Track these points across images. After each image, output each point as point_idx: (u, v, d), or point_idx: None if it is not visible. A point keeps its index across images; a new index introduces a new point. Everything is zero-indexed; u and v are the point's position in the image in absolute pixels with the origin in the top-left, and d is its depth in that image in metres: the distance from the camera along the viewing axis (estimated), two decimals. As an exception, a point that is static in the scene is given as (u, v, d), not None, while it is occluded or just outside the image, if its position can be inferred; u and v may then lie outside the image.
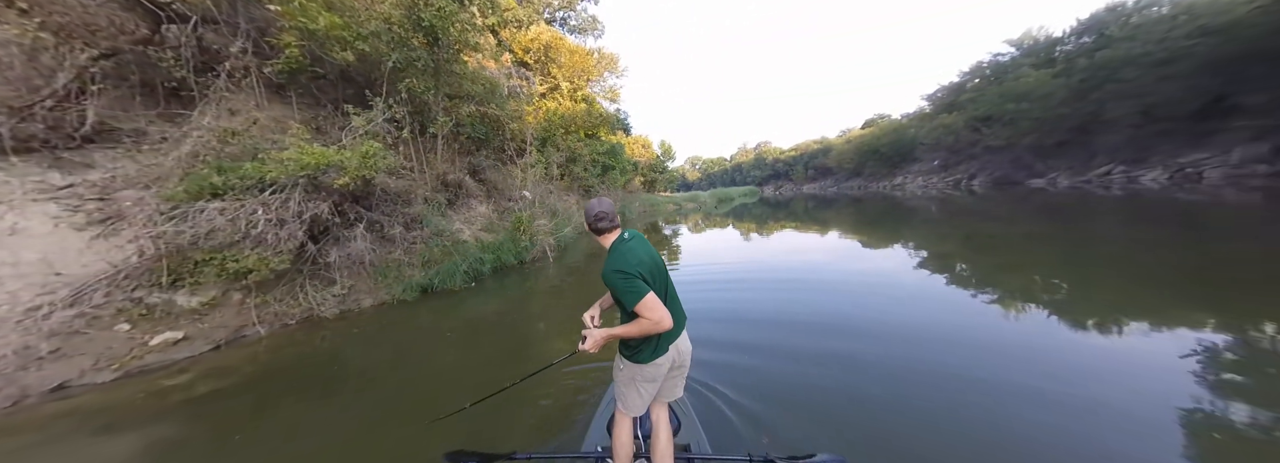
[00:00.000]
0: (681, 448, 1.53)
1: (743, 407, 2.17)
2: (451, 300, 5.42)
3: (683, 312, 1.48)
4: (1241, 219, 7.52)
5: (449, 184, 7.70)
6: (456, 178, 7.85)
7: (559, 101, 16.16)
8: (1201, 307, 3.37)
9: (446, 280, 5.86)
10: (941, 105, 37.37)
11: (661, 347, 1.36)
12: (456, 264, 6.11)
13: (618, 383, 1.45)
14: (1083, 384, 2.21)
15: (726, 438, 1.88)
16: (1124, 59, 20.84)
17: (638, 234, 1.44)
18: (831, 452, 1.45)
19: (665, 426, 1.43)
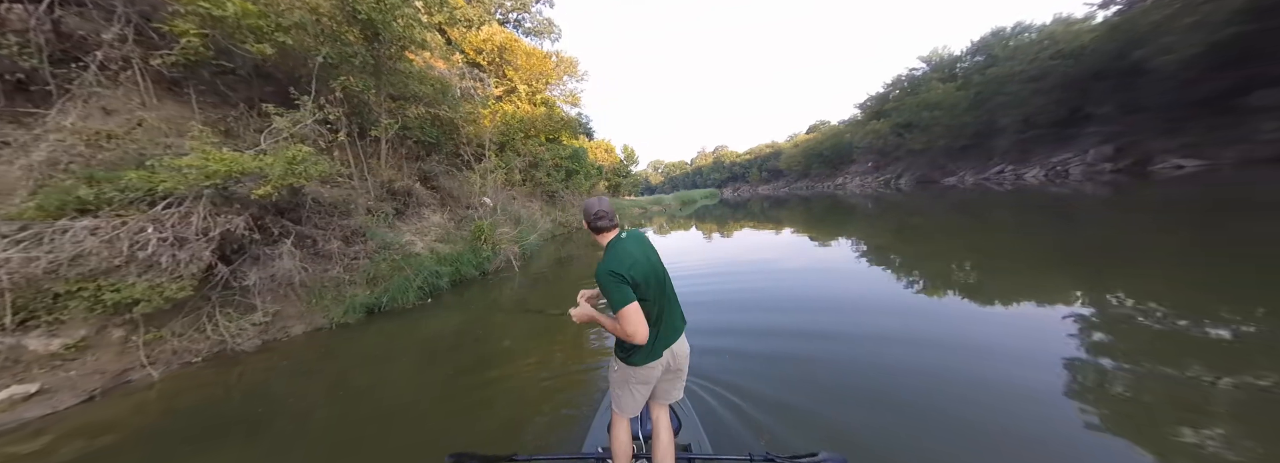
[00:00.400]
0: (681, 448, 1.52)
1: (740, 406, 2.20)
2: (404, 320, 4.89)
3: (681, 315, 1.44)
4: (1094, 207, 9.37)
5: (396, 192, 7.02)
6: (405, 185, 7.19)
7: (517, 105, 15.60)
8: (1070, 279, 4.26)
9: (397, 298, 5.29)
10: (871, 113, 41.66)
11: (655, 351, 1.34)
12: (408, 280, 5.55)
13: (612, 384, 1.45)
14: (992, 349, 2.74)
15: (726, 438, 1.88)
16: (1007, 75, 24.95)
17: (637, 233, 1.42)
18: (832, 451, 1.45)
19: (666, 426, 1.42)
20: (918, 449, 1.77)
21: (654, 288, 1.31)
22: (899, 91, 38.35)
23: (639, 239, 1.39)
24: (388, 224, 6.38)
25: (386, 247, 5.90)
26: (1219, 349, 2.44)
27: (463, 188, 8.89)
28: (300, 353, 4.00)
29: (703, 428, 1.81)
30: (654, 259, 1.37)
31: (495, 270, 7.50)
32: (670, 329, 1.37)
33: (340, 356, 3.93)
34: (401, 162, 7.54)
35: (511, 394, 2.71)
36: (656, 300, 1.31)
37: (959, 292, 4.15)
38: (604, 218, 1.36)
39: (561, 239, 12.98)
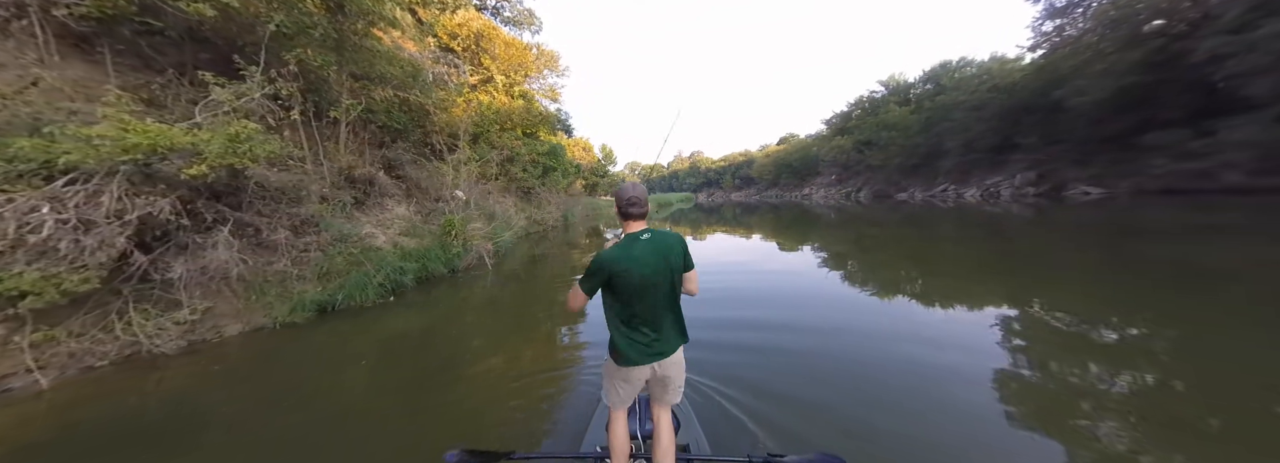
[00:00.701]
0: (681, 448, 1.51)
1: (738, 405, 2.22)
2: (362, 319, 4.49)
3: (676, 336, 1.38)
4: (1019, 226, 10.75)
5: (356, 180, 6.46)
6: (367, 173, 6.63)
7: (493, 95, 14.99)
8: (1000, 287, 4.96)
9: (355, 295, 4.85)
10: (836, 129, 44.49)
11: (631, 357, 1.33)
12: (368, 275, 5.11)
13: (604, 375, 1.50)
14: (944, 343, 3.13)
15: (726, 438, 1.88)
16: (953, 103, 27.73)
17: (663, 238, 1.35)
18: (830, 453, 1.46)
19: (667, 427, 1.41)
20: (869, 419, 2.10)
21: (634, 293, 1.28)
22: (860, 111, 41.28)
23: (656, 247, 1.30)
24: (345, 214, 5.85)
25: (343, 239, 5.40)
26: (1110, 349, 2.91)
27: (432, 179, 8.37)
28: (235, 356, 3.54)
29: (702, 428, 1.80)
30: (656, 263, 1.29)
31: (466, 268, 7.11)
32: (652, 342, 1.32)
33: (285, 358, 3.52)
34: (363, 147, 6.96)
35: (480, 396, 2.63)
36: (631, 305, 1.30)
37: (910, 294, 4.67)
38: (636, 205, 1.34)
39: (536, 238, 12.59)
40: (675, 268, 1.33)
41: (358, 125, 6.70)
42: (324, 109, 5.82)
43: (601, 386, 1.62)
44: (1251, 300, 3.79)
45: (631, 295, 1.28)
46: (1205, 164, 13.77)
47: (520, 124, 15.17)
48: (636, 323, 1.32)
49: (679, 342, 1.38)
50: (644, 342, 1.32)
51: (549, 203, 16.14)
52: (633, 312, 1.31)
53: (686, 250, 1.39)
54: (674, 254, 1.33)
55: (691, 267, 1.40)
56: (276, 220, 4.84)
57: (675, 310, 1.37)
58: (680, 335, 1.39)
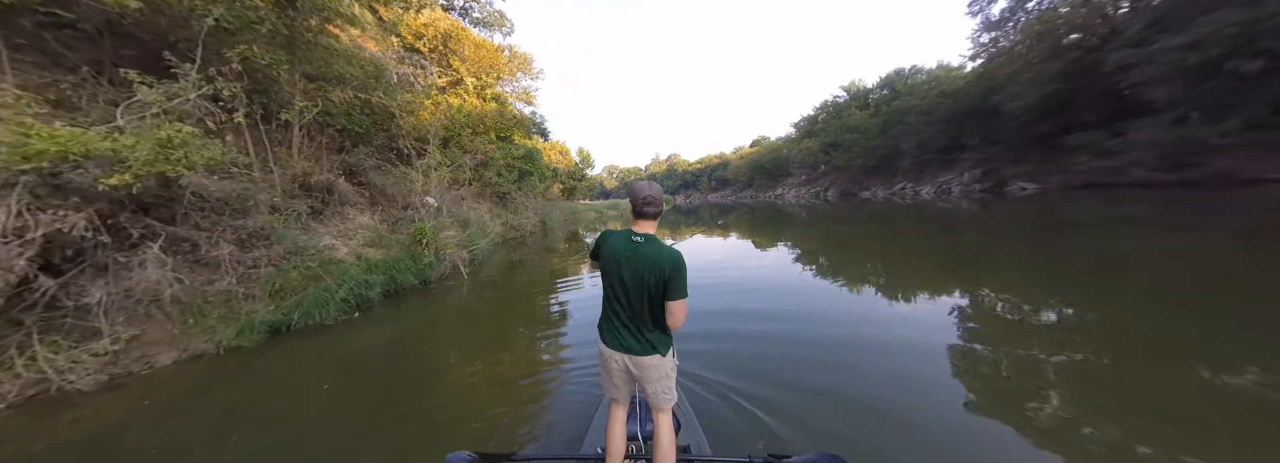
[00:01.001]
0: (681, 449, 1.51)
1: (737, 405, 2.24)
2: (323, 339, 4.13)
3: (636, 338, 1.35)
4: (968, 220, 11.77)
5: (313, 188, 5.99)
6: (325, 180, 6.17)
7: (464, 98, 14.48)
8: (952, 276, 5.42)
9: (313, 313, 4.46)
10: (804, 132, 46.55)
11: (603, 337, 1.42)
12: (328, 291, 4.72)
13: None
14: (908, 325, 3.52)
15: (726, 439, 1.88)
16: (907, 108, 29.80)
17: (656, 248, 1.32)
18: (830, 453, 1.47)
19: (667, 428, 1.39)
20: (849, 393, 2.34)
21: (612, 276, 1.36)
22: (825, 115, 43.46)
23: (642, 258, 1.30)
24: (300, 226, 5.39)
25: (298, 252, 4.97)
26: (1044, 328, 3.30)
27: (399, 186, 7.91)
28: (170, 388, 3.13)
29: (702, 429, 1.79)
30: (631, 275, 1.31)
31: (440, 278, 6.75)
32: (617, 329, 1.37)
33: (231, 386, 3.16)
34: (320, 152, 6.47)
35: (460, 405, 2.55)
36: (610, 286, 1.37)
37: (876, 285, 5.20)
38: (651, 204, 1.35)
39: (513, 244, 12.23)
40: (651, 286, 1.29)
41: (313, 129, 6.23)
42: (274, 111, 5.36)
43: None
44: (1152, 284, 4.31)
45: (610, 277, 1.36)
46: (1117, 162, 15.57)
47: (493, 128, 14.74)
48: (611, 304, 1.37)
49: (644, 350, 1.34)
50: (608, 327, 1.39)
51: (526, 208, 15.73)
52: (611, 292, 1.37)
53: (676, 276, 1.26)
54: (653, 274, 1.27)
55: (679, 296, 1.27)
56: (218, 234, 4.38)
57: (639, 322, 1.34)
58: (645, 345, 1.34)
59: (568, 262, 9.00)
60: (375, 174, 7.80)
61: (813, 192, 42.03)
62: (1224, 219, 7.55)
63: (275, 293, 4.52)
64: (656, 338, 1.35)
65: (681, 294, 1.28)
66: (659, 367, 1.36)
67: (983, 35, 24.30)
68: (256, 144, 5.28)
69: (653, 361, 1.35)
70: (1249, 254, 5.06)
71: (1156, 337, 2.94)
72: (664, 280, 1.27)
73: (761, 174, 59.83)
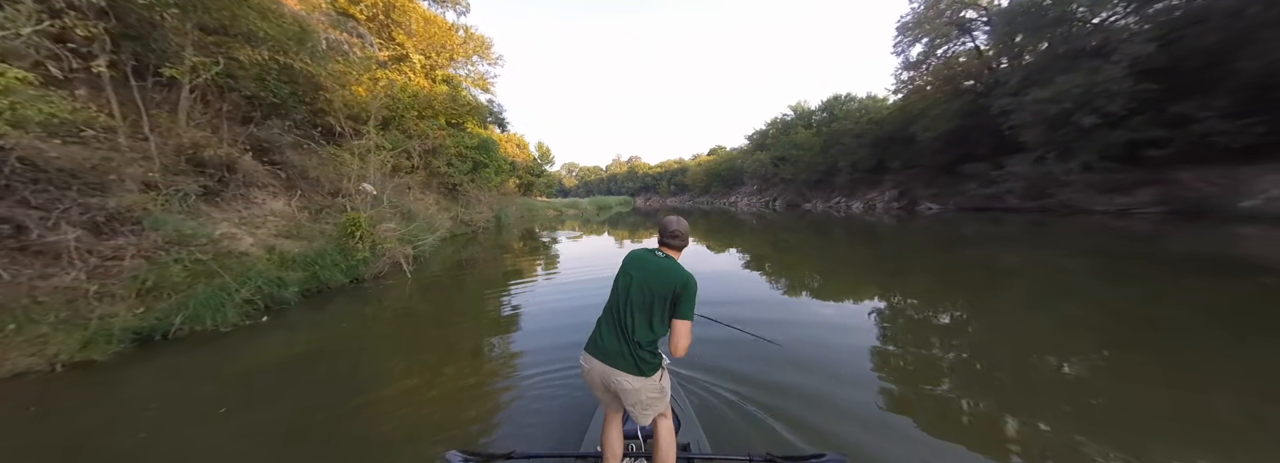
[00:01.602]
0: (681, 448, 1.50)
1: (738, 405, 2.27)
2: (214, 348, 3.36)
3: (617, 339, 1.33)
4: (887, 232, 13.52)
5: (207, 164, 4.90)
6: (223, 155, 5.08)
7: (410, 77, 13.08)
8: (874, 280, 6.16)
9: (203, 317, 3.61)
10: (756, 144, 49.94)
11: (589, 342, 1.40)
12: (225, 289, 3.87)
13: None
14: (839, 323, 3.97)
15: (726, 438, 1.87)
16: (843, 131, 33.43)
17: (673, 266, 1.38)
18: (833, 452, 1.48)
19: (667, 427, 1.39)
20: (788, 379, 2.60)
21: (621, 294, 1.38)
22: (775, 130, 47.07)
23: (656, 270, 1.36)
24: (185, 208, 4.38)
25: (182, 241, 4.02)
26: (944, 326, 3.87)
27: (325, 168, 6.84)
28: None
29: (702, 428, 1.79)
30: (640, 284, 1.35)
31: (377, 276, 5.94)
32: (602, 339, 1.35)
33: (70, 414, 2.41)
34: (220, 121, 5.34)
35: (383, 425, 2.26)
36: (613, 296, 1.40)
37: (812, 288, 5.73)
38: (675, 237, 1.45)
39: (463, 240, 11.29)
40: (659, 297, 1.30)
41: (210, 93, 5.11)
42: (152, 64, 4.28)
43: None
44: (1028, 291, 5.19)
45: (618, 284, 1.39)
46: (996, 190, 19.35)
47: (444, 112, 13.49)
48: (611, 311, 1.38)
49: (625, 364, 1.29)
50: (597, 333, 1.39)
51: (479, 202, 14.65)
52: (614, 299, 1.39)
53: (686, 293, 1.28)
54: (664, 285, 1.30)
55: (685, 316, 1.27)
56: (62, 213, 3.37)
57: (634, 333, 1.30)
58: (627, 360, 1.29)
59: (522, 261, 8.50)
60: (295, 153, 6.65)
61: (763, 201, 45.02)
62: (1065, 240, 9.60)
63: (146, 292, 3.59)
64: (642, 356, 1.29)
65: (688, 316, 1.28)
66: (637, 391, 1.29)
67: (903, 73, 28.25)
68: (125, 104, 4.17)
69: (628, 381, 1.28)
70: (1083, 268, 6.52)
71: (1029, 334, 3.58)
72: (673, 294, 1.28)
73: (717, 182, 62.77)
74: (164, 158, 4.44)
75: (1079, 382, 2.61)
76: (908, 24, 26.65)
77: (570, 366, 2.74)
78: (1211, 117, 12.52)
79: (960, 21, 24.40)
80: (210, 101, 5.18)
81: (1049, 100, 15.89)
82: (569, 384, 2.52)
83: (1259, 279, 5.07)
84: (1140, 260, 6.74)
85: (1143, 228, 10.62)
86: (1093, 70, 14.94)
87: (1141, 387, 2.45)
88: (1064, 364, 2.87)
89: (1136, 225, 11.08)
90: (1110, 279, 5.33)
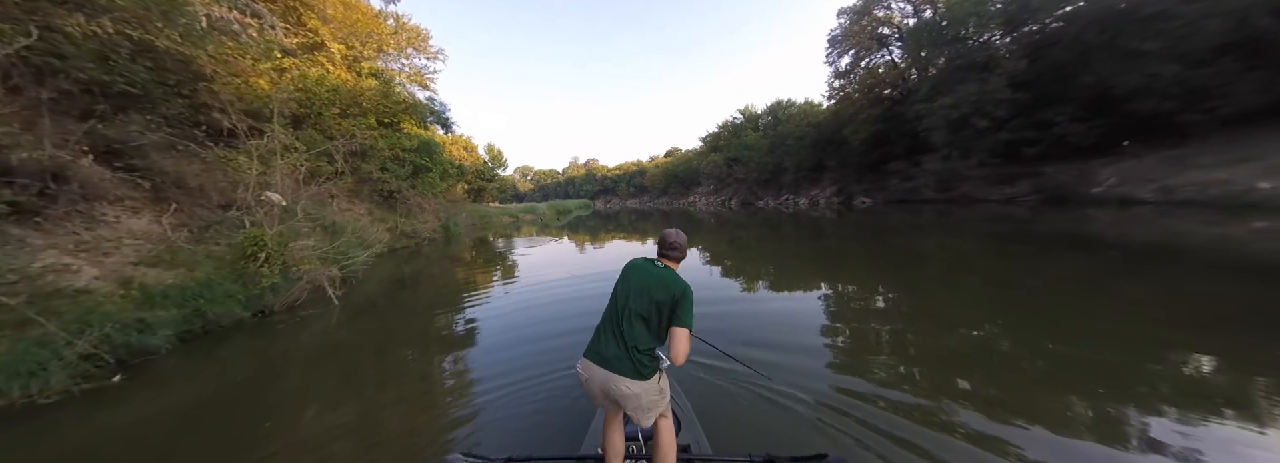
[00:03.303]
0: (681, 448, 1.51)
1: (738, 406, 2.30)
2: (15, 433, 2.35)
3: (617, 345, 1.34)
4: (828, 225, 14.80)
5: (17, 172, 3.56)
6: (43, 159, 3.75)
7: (327, 68, 11.32)
8: (816, 273, 6.51)
9: (7, 387, 2.52)
10: (710, 146, 51.94)
11: (588, 347, 1.41)
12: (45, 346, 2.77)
13: None
14: (794, 309, 4.45)
15: (726, 438, 1.87)
16: (787, 133, 36.03)
17: (670, 275, 1.42)
18: (832, 452, 1.50)
19: (667, 428, 1.40)
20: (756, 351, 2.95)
21: (616, 295, 1.43)
22: (727, 133, 49.28)
23: (654, 279, 1.40)
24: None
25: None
26: (880, 310, 4.34)
27: (211, 175, 5.49)
28: None
29: (702, 428, 1.80)
30: (638, 292, 1.39)
31: (293, 306, 4.84)
32: (602, 343, 1.37)
33: None
34: (39, 116, 3.95)
35: (511, 396, 2.49)
36: (613, 305, 1.42)
37: (767, 278, 6.19)
38: (673, 249, 1.49)
39: (405, 254, 9.98)
40: (657, 303, 1.34)
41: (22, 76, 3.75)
42: None
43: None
44: (944, 271, 5.95)
45: (618, 292, 1.42)
46: (913, 184, 22.17)
47: (374, 110, 11.88)
48: (609, 319, 1.40)
49: (624, 368, 1.31)
50: (595, 339, 1.41)
51: (423, 210, 13.14)
52: (613, 306, 1.42)
53: (683, 300, 1.32)
54: (661, 292, 1.35)
55: (683, 324, 1.31)
56: None
57: (627, 342, 1.32)
58: (625, 363, 1.31)
59: (476, 272, 7.72)
60: (165, 157, 5.22)
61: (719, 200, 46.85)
62: (968, 227, 11.22)
63: (-105, 360, 2.42)
64: (641, 360, 1.31)
65: (687, 324, 1.31)
66: (637, 396, 1.30)
67: (835, 81, 31.28)
68: None
69: (628, 385, 1.29)
70: (984, 249, 7.48)
71: (948, 308, 4.20)
72: (672, 301, 1.32)
73: (675, 183, 64.12)
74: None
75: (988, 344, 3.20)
76: (837, 37, 29.48)
77: (560, 368, 2.74)
78: (1066, 120, 15.54)
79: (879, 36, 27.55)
80: (22, 88, 3.79)
81: (951, 106, 18.59)
82: (570, 386, 2.51)
83: (1104, 253, 6.24)
84: (1021, 240, 8.07)
85: (1023, 213, 12.65)
86: (982, 81, 17.75)
87: (1023, 338, 3.19)
88: (974, 330, 3.47)
89: (1019, 212, 13.21)
90: (1002, 257, 6.58)
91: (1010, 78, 17.11)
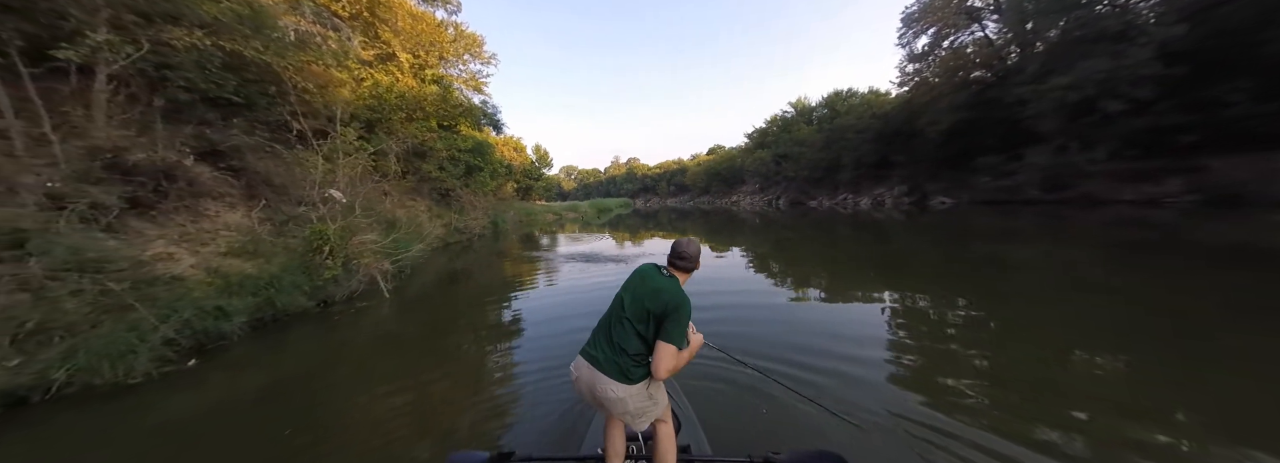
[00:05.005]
0: (681, 448, 1.49)
1: (739, 406, 2.26)
2: (112, 410, 2.54)
3: (607, 348, 1.32)
4: (897, 229, 12.81)
5: (134, 170, 4.05)
6: (158, 160, 4.24)
7: (397, 77, 12.28)
8: (883, 277, 5.93)
9: (102, 368, 2.75)
10: (756, 142, 48.91)
11: (584, 349, 1.40)
12: (136, 330, 3.01)
13: None
14: (850, 321, 3.90)
15: (726, 438, 1.86)
16: (846, 126, 32.44)
17: (669, 285, 1.36)
18: (831, 450, 1.47)
19: (668, 429, 1.39)
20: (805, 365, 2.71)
21: (618, 301, 1.41)
22: (776, 128, 46.02)
23: (653, 288, 1.35)
24: (102, 226, 3.52)
25: (86, 268, 3.16)
26: (957, 324, 3.76)
27: (291, 174, 6.01)
28: None
29: (702, 428, 1.81)
30: (634, 299, 1.35)
31: (352, 296, 5.11)
32: (595, 342, 1.37)
33: None
34: (152, 119, 4.49)
35: (514, 395, 2.51)
36: (610, 310, 1.42)
37: (819, 285, 5.54)
38: (682, 258, 1.43)
39: (458, 249, 10.48)
40: (645, 313, 1.30)
41: (138, 85, 4.27)
42: (39, 44, 3.42)
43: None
44: (1042, 285, 4.98)
45: (619, 295, 1.42)
46: (1012, 182, 18.15)
47: (434, 114, 12.69)
48: (601, 324, 1.41)
49: (612, 372, 1.28)
50: (590, 342, 1.39)
51: (474, 207, 13.81)
52: (610, 309, 1.41)
53: (673, 314, 1.25)
54: (653, 302, 1.31)
55: (671, 339, 1.23)
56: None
57: (616, 343, 1.30)
58: (614, 368, 1.28)
59: (521, 267, 7.84)
60: (257, 158, 5.81)
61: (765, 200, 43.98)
62: (1089, 233, 8.88)
63: (28, 335, 2.74)
64: (626, 364, 1.28)
65: (673, 339, 1.25)
66: (623, 400, 1.28)
67: (908, 66, 27.28)
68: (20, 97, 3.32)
69: (614, 388, 1.27)
70: (1110, 261, 5.90)
71: (1045, 329, 3.47)
72: (662, 313, 1.27)
73: (718, 181, 61.65)
74: (72, 163, 3.59)
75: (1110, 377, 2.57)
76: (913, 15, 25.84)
77: (566, 367, 2.62)
78: (1243, 100, 11.69)
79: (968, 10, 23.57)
80: (138, 97, 4.33)
81: (1070, 87, 15.06)
82: (569, 388, 2.36)
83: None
84: (1166, 251, 6.38)
85: (1168, 218, 9.95)
86: (1115, 55, 14.09)
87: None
88: (1083, 354, 2.86)
89: (1163, 216, 10.38)
90: (1134, 271, 5.24)
91: (1160, 48, 13.33)
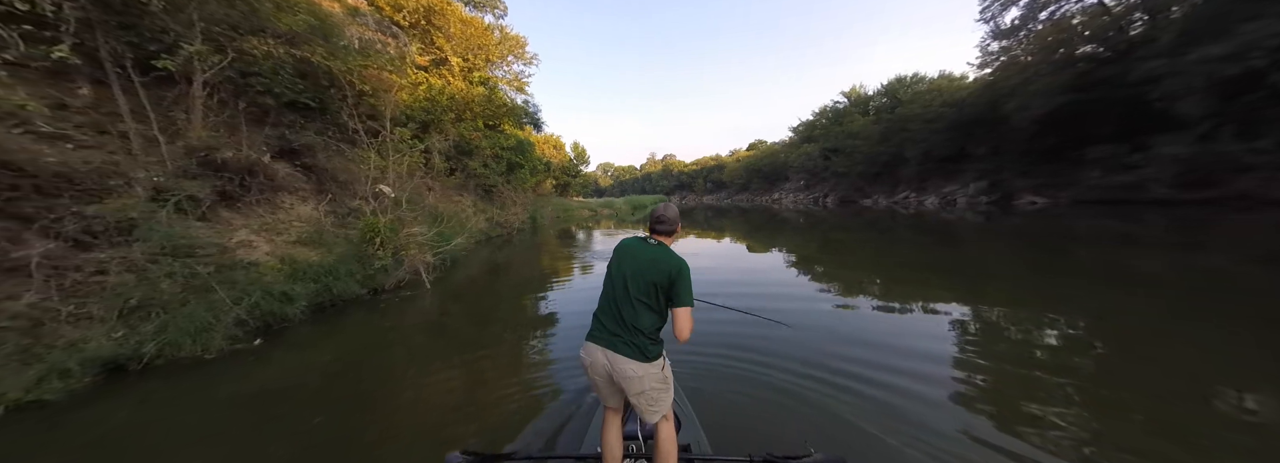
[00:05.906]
0: (681, 448, 1.46)
1: (738, 406, 2.22)
2: (193, 381, 2.80)
3: (619, 327, 1.30)
4: (973, 233, 10.85)
5: (224, 167, 4.57)
6: (243, 158, 4.75)
7: (448, 80, 13.04)
8: (950, 288, 5.19)
9: (183, 342, 3.08)
10: (802, 136, 45.48)
11: (590, 332, 1.37)
12: (213, 308, 3.34)
13: None
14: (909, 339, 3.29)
15: (726, 438, 1.83)
16: (910, 116, 28.71)
17: (665, 252, 1.36)
18: (829, 452, 1.47)
19: (668, 428, 1.36)
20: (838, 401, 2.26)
21: (611, 279, 1.38)
22: (826, 120, 42.36)
23: (649, 258, 1.35)
24: (187, 215, 3.98)
25: (178, 252, 3.57)
26: (1045, 345, 3.15)
27: (352, 170, 6.51)
28: None
29: (702, 428, 1.79)
30: (635, 273, 1.33)
31: (398, 286, 5.41)
32: (604, 325, 1.34)
33: None
34: (238, 121, 5.04)
35: (513, 394, 2.47)
36: (609, 288, 1.38)
37: (876, 295, 4.87)
38: (661, 222, 1.43)
39: (499, 242, 10.90)
40: (652, 285, 1.30)
41: (225, 91, 4.80)
42: (141, 56, 3.90)
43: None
44: (1174, 304, 4.09)
45: (613, 274, 1.39)
46: (1134, 177, 14.45)
47: (481, 115, 13.32)
48: (607, 301, 1.37)
49: (629, 351, 1.27)
50: (596, 324, 1.36)
51: (515, 203, 14.34)
52: (610, 289, 1.37)
53: (679, 280, 1.28)
54: (655, 274, 1.30)
55: (684, 303, 1.28)
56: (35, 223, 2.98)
57: (629, 323, 1.29)
58: (629, 347, 1.28)
59: (558, 261, 7.94)
60: (326, 156, 6.38)
61: (811, 197, 40.91)
62: (1244, 241, 6.90)
63: (131, 311, 3.13)
64: (643, 343, 1.28)
65: (686, 302, 1.28)
66: (641, 379, 1.27)
67: (992, 44, 23.44)
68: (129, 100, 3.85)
69: (633, 367, 1.27)
70: (1275, 279, 4.51)
71: (1173, 358, 2.81)
72: (669, 281, 1.28)
73: (758, 178, 58.60)
74: (174, 161, 4.11)
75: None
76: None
77: (571, 366, 2.68)
78: None
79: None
80: (225, 101, 4.88)
81: (1226, 58, 11.79)
82: (570, 386, 2.47)
83: None
84: None
85: None
86: None
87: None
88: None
89: None
90: None
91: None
